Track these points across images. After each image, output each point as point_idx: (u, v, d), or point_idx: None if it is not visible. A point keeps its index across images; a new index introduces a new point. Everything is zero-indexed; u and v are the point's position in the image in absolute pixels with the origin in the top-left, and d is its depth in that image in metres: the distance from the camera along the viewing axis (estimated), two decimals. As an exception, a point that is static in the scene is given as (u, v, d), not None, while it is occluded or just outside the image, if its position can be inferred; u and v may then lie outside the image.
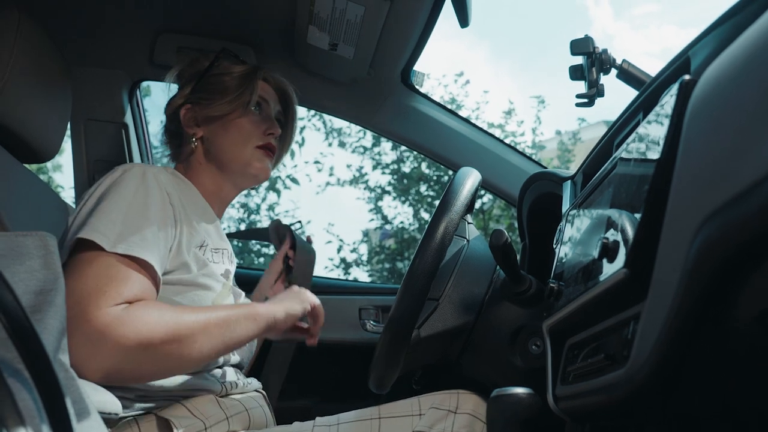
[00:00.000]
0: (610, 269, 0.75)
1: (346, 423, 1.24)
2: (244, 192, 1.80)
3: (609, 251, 0.76)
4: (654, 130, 0.75)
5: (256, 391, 1.41)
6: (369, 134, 9.74)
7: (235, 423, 1.22)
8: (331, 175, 10.25)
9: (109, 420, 1.08)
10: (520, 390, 0.98)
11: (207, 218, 1.39)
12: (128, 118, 1.99)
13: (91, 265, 1.06)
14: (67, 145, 1.96)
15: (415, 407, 1.24)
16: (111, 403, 0.90)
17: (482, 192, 6.39)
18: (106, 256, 1.07)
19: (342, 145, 10.23)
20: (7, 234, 0.55)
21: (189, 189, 1.40)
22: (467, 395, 1.23)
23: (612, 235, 0.78)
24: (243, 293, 1.50)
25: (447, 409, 1.20)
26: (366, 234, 10.39)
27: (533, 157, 2.17)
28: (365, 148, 10.18)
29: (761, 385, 0.67)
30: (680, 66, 0.84)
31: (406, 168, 9.99)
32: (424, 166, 9.67)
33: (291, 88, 1.59)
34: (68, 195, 6.88)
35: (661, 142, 0.69)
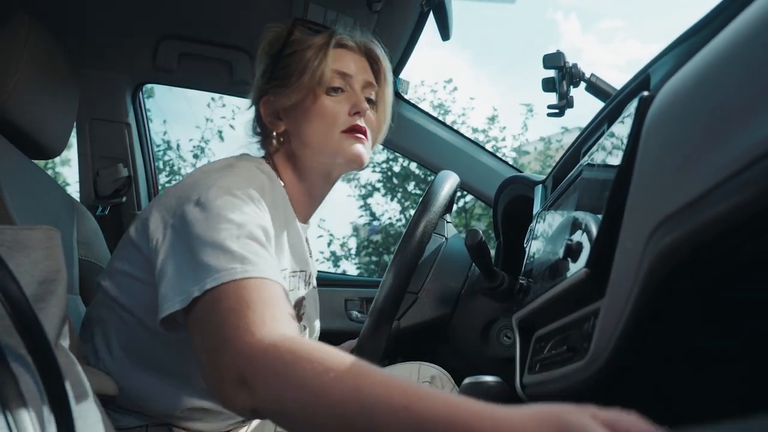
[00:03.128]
0: (573, 268, 0.76)
1: None
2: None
3: (573, 252, 0.77)
4: (616, 140, 0.76)
5: None
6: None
7: None
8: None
9: (120, 428, 1.04)
10: (489, 378, 0.99)
11: (291, 235, 1.19)
12: (131, 118, 1.99)
13: (218, 304, 0.82)
14: (75, 140, 1.96)
15: None
16: (107, 385, 0.90)
17: (464, 193, 6.41)
18: (233, 286, 0.82)
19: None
20: (13, 227, 0.55)
21: (279, 195, 1.16)
22: (428, 367, 1.19)
23: (577, 236, 0.79)
24: (317, 319, 1.29)
25: None
26: (356, 229, 10.40)
27: (516, 161, 2.19)
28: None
29: (706, 377, 0.69)
30: (641, 82, 0.85)
31: (397, 167, 10.02)
32: (413, 165, 9.69)
33: (379, 47, 1.24)
34: (74, 189, 6.86)
35: (622, 152, 0.70)
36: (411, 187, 9.90)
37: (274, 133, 1.19)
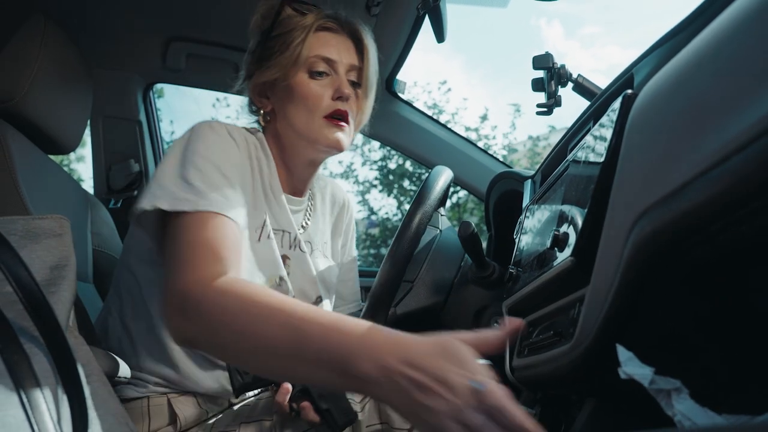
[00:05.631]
0: (560, 257, 0.76)
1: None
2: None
3: (559, 242, 0.77)
4: (601, 137, 0.76)
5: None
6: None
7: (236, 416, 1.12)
8: (324, 168, 10.43)
9: (123, 399, 1.05)
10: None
11: (273, 200, 1.17)
12: (142, 116, 1.99)
13: (179, 232, 0.89)
14: (88, 138, 1.96)
15: None
16: (121, 368, 0.90)
17: (458, 189, 6.40)
18: (189, 219, 0.89)
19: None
20: (24, 218, 0.55)
21: (264, 161, 1.16)
22: None
23: (563, 227, 0.79)
24: (312, 288, 1.24)
25: None
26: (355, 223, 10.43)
27: (506, 158, 2.19)
28: (356, 146, 10.27)
29: (690, 364, 0.69)
30: (625, 81, 0.84)
31: (393, 165, 10.03)
32: (408, 163, 9.70)
33: (364, 29, 1.20)
34: (88, 185, 6.87)
35: (606, 148, 0.70)
36: (406, 183, 9.90)
37: (262, 112, 1.20)
